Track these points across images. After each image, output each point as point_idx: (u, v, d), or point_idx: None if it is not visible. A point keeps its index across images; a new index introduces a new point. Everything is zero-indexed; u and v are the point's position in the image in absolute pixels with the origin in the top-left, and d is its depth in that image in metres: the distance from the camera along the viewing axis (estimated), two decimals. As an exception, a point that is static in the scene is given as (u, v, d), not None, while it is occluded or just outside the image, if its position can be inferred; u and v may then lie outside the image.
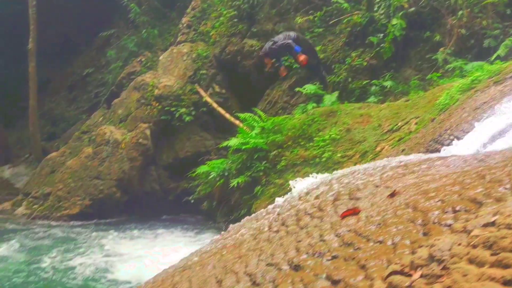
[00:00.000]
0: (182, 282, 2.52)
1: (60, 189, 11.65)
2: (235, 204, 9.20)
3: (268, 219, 2.95)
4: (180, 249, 7.59)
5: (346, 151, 6.97)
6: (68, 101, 18.75)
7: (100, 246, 8.62)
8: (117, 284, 6.39)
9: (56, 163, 12.75)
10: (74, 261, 7.46)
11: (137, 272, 6.80)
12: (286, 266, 2.07)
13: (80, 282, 6.50)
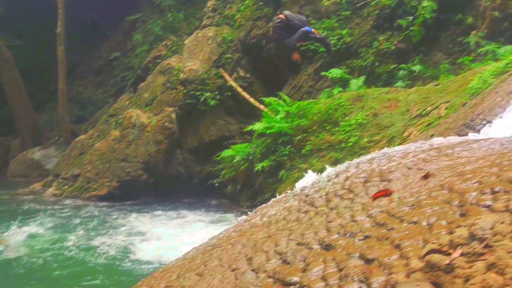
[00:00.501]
0: (212, 259, 2.55)
1: (88, 171, 11.93)
2: (259, 188, 9.24)
3: (297, 200, 2.95)
4: (204, 231, 7.70)
5: (372, 136, 6.89)
6: (96, 85, 19.06)
7: (125, 226, 8.83)
8: (140, 263, 6.54)
9: (84, 145, 13.04)
10: (99, 240, 7.66)
11: (161, 252, 6.95)
12: (316, 246, 2.08)
13: (104, 260, 6.68)
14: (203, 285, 2.38)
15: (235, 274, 2.32)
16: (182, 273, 2.62)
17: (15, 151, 17.12)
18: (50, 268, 6.32)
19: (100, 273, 6.19)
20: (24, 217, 9.41)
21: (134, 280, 5.84)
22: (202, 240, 3.53)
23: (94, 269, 6.34)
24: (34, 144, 16.48)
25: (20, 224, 8.53)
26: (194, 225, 8.95)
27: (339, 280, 1.65)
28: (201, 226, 8.67)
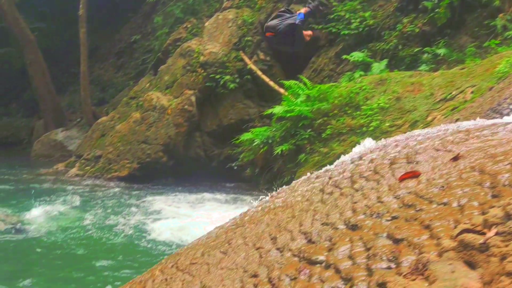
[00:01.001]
0: (236, 238, 2.58)
1: (110, 152, 12.11)
2: (278, 172, 9.25)
3: (320, 182, 2.95)
4: (222, 213, 7.78)
5: (394, 120, 6.80)
6: (116, 67, 19.21)
7: (145, 207, 8.97)
8: (159, 242, 6.66)
9: (106, 127, 13.22)
10: (119, 220, 7.80)
11: (179, 232, 7.06)
12: (342, 226, 2.08)
13: (123, 239, 6.81)
14: (227, 262, 2.41)
15: (260, 252, 2.34)
16: (207, 251, 2.66)
17: (38, 132, 17.47)
18: (70, 247, 6.46)
19: (119, 252, 6.32)
20: (46, 196, 9.64)
21: (152, 258, 5.97)
22: (220, 221, 3.57)
23: (114, 248, 6.48)
24: (57, 125, 16.77)
25: (43, 203, 8.74)
26: (211, 206, 9.05)
27: (366, 259, 1.65)
28: (219, 208, 8.76)
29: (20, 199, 9.47)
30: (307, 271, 1.87)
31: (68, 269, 5.64)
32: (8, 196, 9.75)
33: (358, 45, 10.11)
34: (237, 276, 2.21)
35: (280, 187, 3.70)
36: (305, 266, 1.92)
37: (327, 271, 1.76)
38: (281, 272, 1.98)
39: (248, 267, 2.24)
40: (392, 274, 1.44)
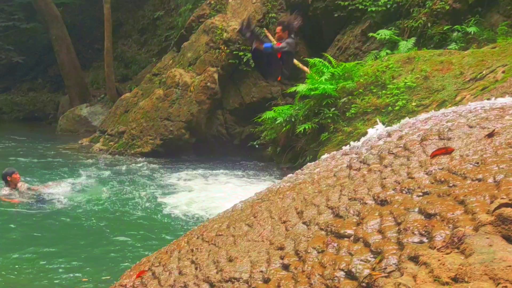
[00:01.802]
0: (261, 211, 2.59)
1: (133, 128, 12.25)
2: (300, 151, 9.22)
3: (347, 159, 2.92)
4: (243, 190, 7.83)
5: (422, 100, 6.66)
6: (139, 44, 19.25)
7: (167, 182, 9.08)
8: (179, 217, 6.74)
9: (129, 103, 13.33)
10: (141, 194, 7.91)
11: (200, 207, 7.15)
12: (371, 201, 2.06)
13: (144, 213, 6.91)
14: (253, 235, 2.42)
15: (286, 225, 2.34)
16: (232, 223, 2.68)
17: (64, 107, 17.77)
18: (91, 219, 6.58)
19: (140, 225, 6.43)
20: (70, 170, 9.86)
21: (173, 231, 6.07)
22: (241, 197, 3.59)
23: (134, 221, 6.59)
24: (82, 101, 17.01)
25: (66, 177, 8.92)
26: (232, 183, 9.11)
27: (397, 233, 1.63)
28: (240, 185, 8.81)
29: (44, 172, 9.70)
30: (335, 244, 1.87)
31: (89, 242, 5.75)
32: (33, 169, 10.00)
33: (385, 22, 9.86)
34: (263, 248, 2.22)
35: (302, 166, 3.69)
36: (333, 240, 1.91)
37: (356, 244, 1.75)
38: (308, 245, 1.98)
39: (274, 239, 2.25)
40: (424, 248, 1.42)
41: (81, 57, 19.11)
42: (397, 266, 1.42)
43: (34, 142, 14.07)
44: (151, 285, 2.38)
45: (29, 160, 11.23)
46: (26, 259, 5.01)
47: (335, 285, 1.54)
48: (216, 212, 4.87)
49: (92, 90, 18.46)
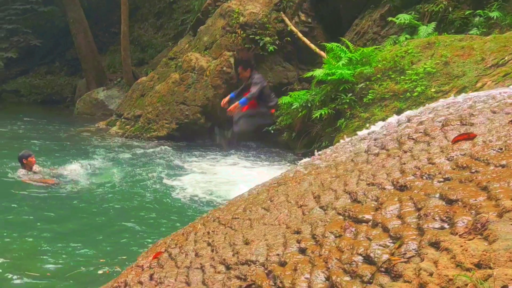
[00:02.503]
0: (278, 195, 2.59)
1: (149, 112, 12.31)
2: (316, 136, 9.16)
3: (365, 144, 2.89)
4: (259, 174, 7.84)
5: (441, 86, 6.53)
6: (156, 28, 19.24)
7: (182, 166, 9.14)
8: (194, 201, 6.80)
9: (145, 87, 13.37)
10: (155, 177, 7.95)
11: (215, 191, 7.19)
12: (390, 186, 2.03)
13: (158, 196, 6.97)
14: (269, 218, 2.42)
15: (302, 210, 2.33)
16: (248, 207, 2.68)
17: (81, 91, 17.93)
18: (107, 201, 6.66)
19: (154, 208, 6.49)
20: (86, 153, 9.98)
21: (187, 214, 6.13)
22: (257, 182, 3.59)
23: (149, 204, 6.65)
24: (98, 84, 17.14)
25: (82, 159, 9.03)
26: (247, 168, 9.13)
27: (417, 218, 1.61)
28: (255, 170, 8.82)
29: (60, 154, 9.83)
30: (352, 229, 1.86)
31: (104, 223, 5.83)
32: (49, 151, 10.14)
33: (405, 6, 9.65)
34: (279, 231, 2.22)
35: (317, 151, 3.67)
36: (351, 225, 1.90)
37: (374, 229, 1.74)
38: (325, 230, 1.97)
39: (290, 223, 2.24)
40: (446, 233, 1.40)
41: (98, 41, 19.19)
42: (417, 251, 1.40)
43: (51, 124, 14.27)
44: (168, 266, 2.41)
45: (46, 142, 11.40)
46: (43, 240, 5.11)
47: (353, 269, 1.53)
48: (231, 196, 4.90)
49: (109, 73, 18.57)
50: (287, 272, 1.77)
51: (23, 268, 4.36)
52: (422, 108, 3.05)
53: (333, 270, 1.59)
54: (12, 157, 8.21)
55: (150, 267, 2.56)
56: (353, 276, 1.50)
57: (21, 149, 8.31)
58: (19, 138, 11.76)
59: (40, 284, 4.10)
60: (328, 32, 11.88)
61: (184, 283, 2.13)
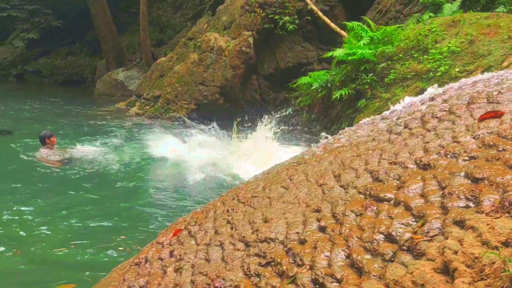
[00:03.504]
0: (297, 174, 2.57)
1: (168, 93, 12.35)
2: (335, 117, 9.08)
3: (387, 123, 2.83)
4: (276, 155, 7.81)
5: (466, 65, 6.35)
6: (174, 8, 19.16)
7: (200, 145, 9.15)
8: (211, 180, 6.83)
9: (164, 68, 13.40)
10: (172, 156, 7.98)
11: (234, 171, 7.22)
12: (412, 165, 1.99)
13: (175, 175, 7.01)
14: (289, 197, 2.41)
15: (322, 189, 2.31)
16: (268, 185, 2.67)
17: (101, 71, 18.07)
18: (127, 180, 6.73)
19: (173, 186, 6.55)
20: (106, 133, 10.09)
21: (204, 193, 6.17)
22: (275, 163, 3.57)
23: (169, 182, 6.72)
24: (118, 65, 17.23)
25: (102, 139, 9.14)
26: (266, 149, 9.10)
27: (441, 197, 1.57)
28: (273, 151, 8.79)
29: (80, 134, 9.96)
30: (374, 207, 1.83)
31: (124, 202, 5.91)
32: (69, 131, 10.28)
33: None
34: (299, 210, 2.21)
35: (337, 132, 3.62)
36: (372, 203, 1.87)
37: (396, 208, 1.71)
38: (346, 208, 1.95)
39: (310, 202, 2.23)
40: (471, 212, 1.36)
41: (117, 21, 19.23)
42: (440, 230, 1.37)
43: (71, 105, 14.45)
44: (188, 243, 2.43)
45: (66, 122, 11.57)
46: (64, 217, 5.22)
47: (374, 247, 1.51)
48: (249, 176, 4.90)
49: (128, 54, 18.64)
50: (307, 250, 1.76)
51: (50, 243, 4.49)
52: (447, 87, 2.97)
53: (353, 248, 1.58)
54: (33, 137, 8.38)
55: (170, 244, 2.58)
56: (374, 254, 1.48)
57: (42, 129, 8.45)
58: (40, 118, 11.96)
59: (67, 256, 4.22)
60: (349, 11, 11.65)
61: (203, 259, 2.14)
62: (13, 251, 4.29)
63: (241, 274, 1.85)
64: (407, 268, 1.25)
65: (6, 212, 5.20)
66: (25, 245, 4.43)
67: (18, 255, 4.21)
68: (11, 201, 5.60)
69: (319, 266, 1.60)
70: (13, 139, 9.01)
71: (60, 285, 3.69)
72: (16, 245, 4.43)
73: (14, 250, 4.31)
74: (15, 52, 21.74)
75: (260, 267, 1.83)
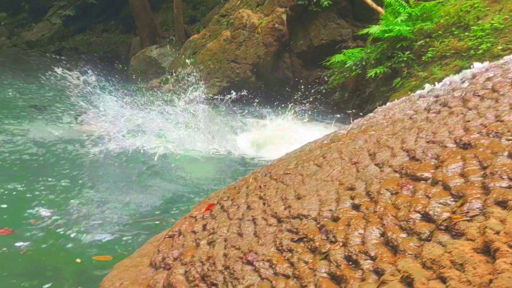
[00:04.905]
0: (331, 152, 2.54)
1: (201, 70, 12.39)
2: (369, 96, 8.91)
3: (424, 101, 2.75)
4: (308, 134, 7.76)
5: (509, 43, 6.07)
6: (207, -16, 19.04)
7: (232, 124, 9.20)
8: (244, 158, 6.85)
9: (197, 45, 13.42)
10: (203, 134, 8.03)
11: (265, 149, 7.22)
12: (452, 144, 1.94)
13: (206, 153, 7.07)
14: (322, 175, 2.39)
15: (357, 167, 2.28)
16: (300, 163, 2.66)
17: (135, 49, 18.27)
18: (158, 157, 6.81)
19: (204, 163, 6.62)
20: (141, 110, 10.23)
21: (236, 170, 6.22)
22: (307, 141, 3.54)
23: (199, 159, 6.79)
24: (152, 42, 17.36)
25: (135, 116, 9.28)
26: (297, 127, 9.06)
27: (482, 177, 1.52)
28: (304, 129, 8.75)
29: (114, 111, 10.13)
30: (410, 186, 1.79)
31: (154, 178, 6.01)
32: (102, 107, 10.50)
33: None
34: (332, 188, 2.19)
35: (370, 112, 3.55)
36: (408, 182, 1.84)
37: (434, 187, 1.67)
38: (381, 187, 1.92)
39: (344, 180, 2.21)
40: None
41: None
42: (481, 210, 1.33)
43: (106, 82, 14.71)
44: (220, 217, 2.46)
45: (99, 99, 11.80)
46: (101, 191, 5.38)
47: (410, 226, 1.49)
48: (280, 155, 4.89)
49: (162, 31, 18.74)
50: (340, 227, 1.75)
51: (87, 215, 4.65)
52: (489, 64, 2.85)
53: (388, 227, 1.56)
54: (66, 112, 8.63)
55: (203, 218, 2.63)
56: (410, 233, 1.46)
57: (75, 104, 8.67)
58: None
59: (103, 229, 4.37)
60: (387, -14, 11.25)
61: (236, 234, 2.17)
62: (53, 223, 4.47)
63: (273, 249, 1.87)
64: (445, 248, 1.23)
65: (43, 186, 5.41)
66: (63, 218, 4.61)
67: (56, 227, 4.39)
68: (46, 175, 5.81)
69: (353, 244, 1.59)
70: (47, 114, 9.29)
71: (97, 257, 3.84)
72: (54, 217, 4.62)
73: (53, 222, 4.49)
74: (53, 28, 22.23)
75: (293, 242, 1.84)
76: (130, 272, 2.55)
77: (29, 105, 10.38)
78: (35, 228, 4.29)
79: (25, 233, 4.18)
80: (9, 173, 5.82)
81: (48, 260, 3.78)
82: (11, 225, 4.32)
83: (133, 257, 2.93)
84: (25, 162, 6.35)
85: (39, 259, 3.78)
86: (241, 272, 1.81)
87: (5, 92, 11.87)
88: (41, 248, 3.95)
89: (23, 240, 4.04)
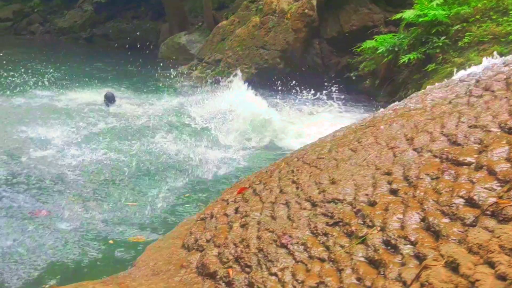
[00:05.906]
0: (366, 137, 2.49)
1: (229, 57, 12.37)
2: (402, 83, 8.70)
3: (465, 85, 2.66)
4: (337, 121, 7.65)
5: (552, 28, 5.80)
6: (236, -30, 18.90)
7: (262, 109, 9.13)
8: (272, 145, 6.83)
9: (226, 31, 13.38)
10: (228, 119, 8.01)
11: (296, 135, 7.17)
12: (496, 129, 1.86)
13: (230, 137, 7.08)
14: (357, 159, 2.35)
15: (394, 151, 2.23)
16: (334, 148, 2.62)
17: (164, 35, 18.38)
18: (186, 143, 6.83)
19: (238, 148, 6.64)
20: (171, 96, 10.32)
21: (265, 157, 6.20)
22: (336, 128, 3.47)
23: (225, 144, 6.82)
24: (181, 28, 17.42)
25: (167, 104, 9.38)
26: (326, 114, 8.96)
27: (531, 162, 1.46)
28: (334, 117, 8.63)
29: (143, 97, 10.26)
30: (452, 171, 1.74)
31: (187, 164, 6.03)
32: (132, 93, 10.65)
33: None
34: (368, 172, 2.15)
35: (402, 99, 3.45)
36: (450, 167, 1.78)
37: (478, 172, 1.61)
38: (420, 172, 1.87)
39: (380, 165, 2.16)
40: None
41: (180, -15, 19.27)
42: (531, 195, 1.27)
43: (135, 67, 14.90)
44: (253, 201, 2.46)
45: (129, 84, 11.98)
46: (136, 175, 5.46)
47: (453, 211, 1.44)
48: (309, 141, 4.85)
49: (191, 18, 18.76)
50: (377, 211, 1.72)
51: (123, 197, 4.76)
52: None
53: (429, 212, 1.51)
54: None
55: (235, 201, 2.63)
56: (453, 218, 1.41)
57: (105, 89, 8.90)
58: (103, 78, 12.50)
59: (138, 211, 4.46)
60: (421, -30, 10.90)
61: (269, 217, 2.16)
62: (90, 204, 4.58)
63: (308, 232, 1.85)
64: (493, 233, 1.18)
65: (80, 164, 5.54)
66: (98, 199, 4.71)
67: (93, 207, 4.50)
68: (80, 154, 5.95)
69: (391, 228, 1.55)
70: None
71: (131, 237, 3.93)
72: (90, 197, 4.73)
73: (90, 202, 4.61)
74: (84, 15, 22.57)
75: (328, 226, 1.81)
76: (163, 253, 2.58)
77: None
78: (71, 210, 4.41)
79: (62, 215, 4.30)
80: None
81: (82, 240, 3.88)
82: (49, 206, 4.46)
83: (165, 239, 2.97)
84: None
85: (74, 240, 3.89)
86: (275, 254, 1.80)
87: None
88: (76, 229, 4.06)
89: (59, 221, 4.16)
